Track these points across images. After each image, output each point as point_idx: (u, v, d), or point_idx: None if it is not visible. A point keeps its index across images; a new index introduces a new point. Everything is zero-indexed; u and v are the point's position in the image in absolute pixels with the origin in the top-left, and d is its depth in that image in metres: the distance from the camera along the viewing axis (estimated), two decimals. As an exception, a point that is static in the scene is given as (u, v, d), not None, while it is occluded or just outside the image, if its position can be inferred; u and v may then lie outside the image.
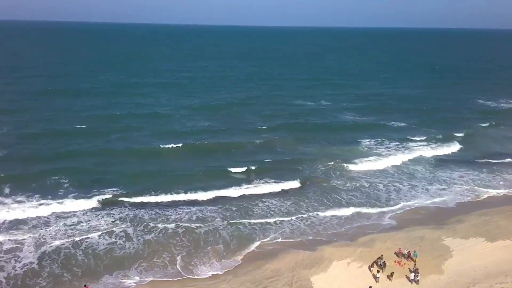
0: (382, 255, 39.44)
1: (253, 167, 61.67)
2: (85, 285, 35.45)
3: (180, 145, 69.11)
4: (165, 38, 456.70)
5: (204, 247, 42.41)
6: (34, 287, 35.60)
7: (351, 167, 64.05)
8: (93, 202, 49.74)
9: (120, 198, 51.09)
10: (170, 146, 68.71)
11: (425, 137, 79.62)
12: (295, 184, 57.74)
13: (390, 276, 37.46)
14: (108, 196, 51.44)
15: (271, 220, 48.24)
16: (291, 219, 48.76)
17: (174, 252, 41.35)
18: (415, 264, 38.78)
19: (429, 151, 72.61)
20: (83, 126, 77.89)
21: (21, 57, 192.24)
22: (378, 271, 37.56)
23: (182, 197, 52.70)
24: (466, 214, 49.90)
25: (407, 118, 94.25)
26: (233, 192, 54.82)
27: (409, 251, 40.45)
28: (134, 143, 70.38)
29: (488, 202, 54.26)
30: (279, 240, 44.61)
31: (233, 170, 60.77)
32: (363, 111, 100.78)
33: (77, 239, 42.40)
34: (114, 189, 53.20)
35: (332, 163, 64.63)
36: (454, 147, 75.14)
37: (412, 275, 37.03)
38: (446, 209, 52.28)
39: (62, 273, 37.34)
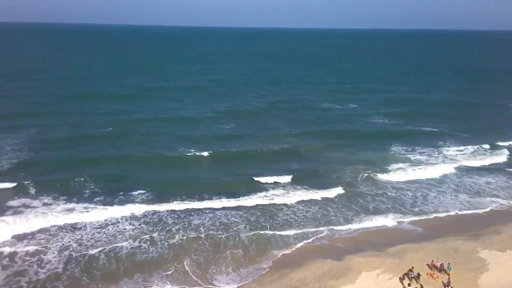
0: (412, 267, 37.71)
1: (279, 175, 60.17)
2: None
3: (206, 152, 67.93)
4: (185, 40, 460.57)
5: (227, 254, 41.52)
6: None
7: (381, 174, 62.16)
8: (118, 207, 49.35)
9: (145, 204, 50.63)
10: (195, 152, 67.95)
11: (458, 144, 77.06)
12: (322, 191, 56.03)
13: (421, 289, 35.74)
14: (133, 201, 51.12)
15: (297, 228, 47.01)
16: (318, 227, 47.34)
17: (196, 259, 40.65)
18: (448, 278, 36.90)
19: (462, 158, 69.97)
20: (108, 130, 78.12)
21: (47, 60, 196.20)
22: (409, 284, 35.89)
23: (206, 203, 51.74)
24: (503, 224, 47.54)
25: (439, 124, 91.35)
26: (258, 199, 53.53)
27: (442, 263, 38.58)
28: (159, 149, 69.76)
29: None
30: (305, 248, 43.34)
31: (259, 177, 59.41)
32: (393, 116, 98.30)
33: (100, 243, 42.27)
34: (138, 194, 52.97)
35: (361, 170, 62.95)
36: (489, 155, 72.22)
37: (445, 289, 35.30)
38: (482, 219, 50.03)
39: (81, 276, 37.14)
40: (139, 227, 45.73)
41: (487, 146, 75.87)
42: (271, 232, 45.81)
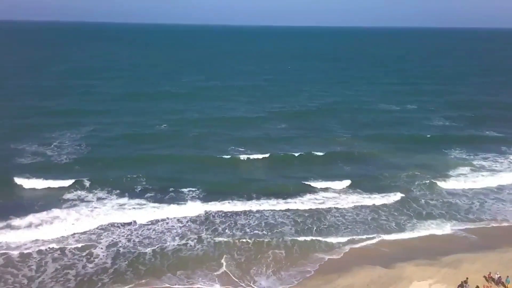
0: (467, 278, 35.36)
1: (331, 178, 58.65)
2: None
3: (256, 153, 67.36)
4: (230, 39, 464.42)
5: (269, 255, 41.20)
6: (97, 283, 36.38)
7: (438, 179, 59.27)
8: (167, 205, 50.05)
9: (194, 202, 51.02)
10: (246, 153, 67.63)
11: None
12: (375, 196, 54.08)
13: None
14: (183, 200, 51.76)
15: (346, 232, 45.75)
16: (368, 232, 45.85)
17: (238, 258, 40.59)
18: (507, 292, 34.36)
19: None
20: (161, 130, 79.81)
21: (108, 59, 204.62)
22: (464, 296, 33.71)
23: (254, 205, 51.26)
24: None
25: (505, 129, 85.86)
26: (308, 202, 52.51)
27: (500, 276, 35.93)
28: (211, 149, 70.16)
29: None
30: (354, 253, 42.04)
31: (310, 180, 58.28)
32: (456, 119, 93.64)
33: (149, 239, 43.17)
34: (188, 193, 53.64)
35: (418, 175, 60.55)
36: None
37: (504, 304, 32.81)
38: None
39: (126, 271, 37.90)
40: (187, 225, 46.30)
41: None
42: (318, 235, 44.97)
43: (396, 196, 53.89)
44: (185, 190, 54.39)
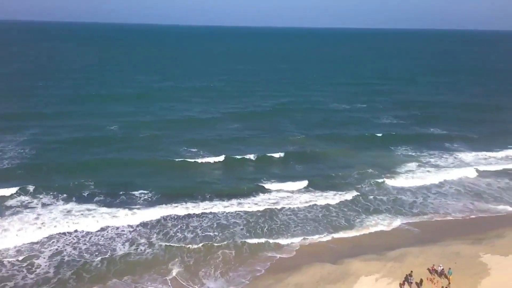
0: (412, 271, 36.53)
1: (284, 178, 59.16)
2: None
3: (212, 157, 66.36)
4: (190, 39, 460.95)
5: (218, 255, 41.13)
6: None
7: (387, 176, 61.00)
8: (117, 210, 48.70)
9: (145, 207, 49.94)
10: (201, 156, 66.84)
11: (467, 148, 75.72)
12: (327, 194, 54.85)
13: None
14: (133, 204, 50.55)
15: (297, 230, 46.27)
16: (318, 229, 46.59)
17: (188, 262, 40.12)
18: (449, 283, 35.71)
19: (470, 162, 68.58)
20: (111, 133, 77.43)
21: (54, 59, 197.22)
22: (408, 289, 34.78)
23: (208, 207, 50.55)
24: (506, 228, 46.19)
25: (450, 127, 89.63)
26: (261, 202, 52.47)
27: (443, 268, 37.32)
28: (164, 152, 68.75)
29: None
30: (304, 251, 42.62)
31: (263, 180, 58.51)
32: (404, 118, 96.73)
33: (96, 246, 41.91)
34: (139, 197, 52.47)
35: (367, 173, 62.07)
36: (497, 159, 70.57)
37: (445, 295, 34.10)
38: (485, 222, 48.74)
39: (69, 279, 36.69)
40: (137, 230, 45.27)
41: (497, 150, 74.09)
42: (269, 234, 45.24)
43: (347, 194, 55.01)
44: (136, 193, 53.16)
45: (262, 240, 44.06)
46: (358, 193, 55.53)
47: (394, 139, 79.63)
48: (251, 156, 67.43)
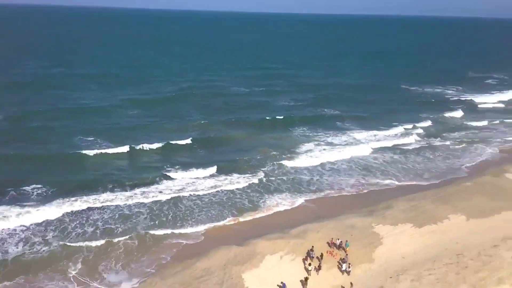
0: (313, 246, 38.62)
1: (187, 164, 58.85)
2: None
3: (112, 147, 63.52)
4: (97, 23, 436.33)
5: (123, 248, 39.99)
6: None
7: (286, 157, 63.43)
8: (7, 208, 45.14)
9: (40, 204, 46.55)
10: (100, 147, 63.58)
11: (357, 126, 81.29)
12: (230, 178, 55.79)
13: (318, 268, 36.68)
14: (26, 201, 47.01)
15: (202, 216, 46.38)
16: (223, 213, 47.19)
17: (87, 256, 38.58)
18: (346, 255, 38.28)
19: (361, 140, 73.87)
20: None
21: None
22: (310, 264, 36.68)
23: (109, 199, 48.73)
24: (394, 199, 50.32)
25: (342, 107, 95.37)
26: (165, 191, 51.74)
27: (341, 241, 39.89)
28: (57, 145, 64.32)
29: (414, 187, 55.65)
30: (210, 235, 42.92)
31: (166, 168, 57.66)
32: (301, 100, 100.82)
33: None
34: (32, 193, 49.01)
35: (268, 155, 63.89)
36: (385, 136, 76.66)
37: (343, 266, 36.51)
38: (376, 195, 52.72)
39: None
40: (31, 228, 42.37)
41: (385, 128, 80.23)
42: (173, 221, 44.91)
43: (251, 177, 56.29)
44: (28, 189, 49.52)
45: (166, 227, 43.71)
46: (261, 175, 57.06)
47: (292, 121, 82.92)
48: (154, 144, 65.92)
